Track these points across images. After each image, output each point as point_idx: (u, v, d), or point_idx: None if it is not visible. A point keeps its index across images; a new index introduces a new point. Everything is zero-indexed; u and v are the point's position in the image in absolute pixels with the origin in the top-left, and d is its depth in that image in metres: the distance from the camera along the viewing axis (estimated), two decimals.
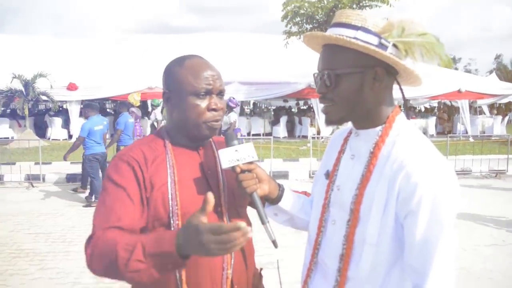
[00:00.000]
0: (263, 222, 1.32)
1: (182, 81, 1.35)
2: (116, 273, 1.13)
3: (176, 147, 1.40)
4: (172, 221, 1.29)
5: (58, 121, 16.29)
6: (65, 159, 7.58)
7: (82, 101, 14.64)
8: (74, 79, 15.09)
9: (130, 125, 8.35)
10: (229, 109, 9.18)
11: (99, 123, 7.48)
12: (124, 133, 8.18)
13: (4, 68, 14.65)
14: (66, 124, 16.36)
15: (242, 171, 1.31)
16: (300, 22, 14.42)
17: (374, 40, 1.15)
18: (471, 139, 14.69)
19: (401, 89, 1.27)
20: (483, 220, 6.45)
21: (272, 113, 20.76)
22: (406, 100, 1.27)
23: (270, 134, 16.16)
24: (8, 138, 14.52)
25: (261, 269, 1.56)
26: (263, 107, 24.24)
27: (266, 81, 16.16)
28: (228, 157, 1.31)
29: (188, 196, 1.33)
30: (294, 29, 15.00)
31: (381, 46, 1.14)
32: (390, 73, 1.19)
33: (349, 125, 1.33)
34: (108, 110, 21.90)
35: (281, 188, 1.43)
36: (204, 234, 0.99)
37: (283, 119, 17.89)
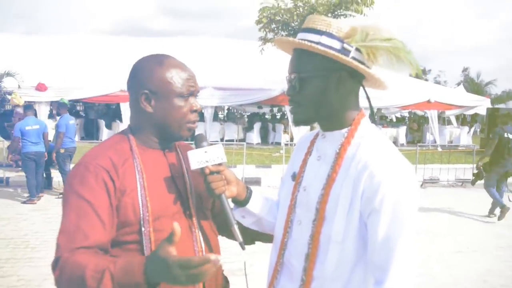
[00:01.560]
0: (230, 224, 1.34)
1: (167, 82, 1.33)
2: None
3: (143, 149, 1.37)
4: (143, 228, 1.26)
5: None
6: (8, 160, 8.06)
7: (51, 102, 14.23)
8: (43, 79, 14.64)
9: (71, 126, 8.22)
10: None
11: (33, 123, 7.71)
12: (66, 136, 7.97)
13: None
14: None
15: (211, 173, 1.31)
16: (275, 29, 14.50)
17: (337, 44, 1.19)
18: (439, 149, 15.06)
19: (365, 92, 1.31)
20: (449, 228, 6.61)
21: (246, 119, 20.74)
22: (371, 104, 1.32)
23: (243, 140, 16.13)
24: None
25: (225, 276, 1.52)
26: (236, 113, 24.20)
27: (241, 87, 16.14)
28: (197, 158, 1.32)
29: (158, 201, 1.30)
30: (270, 35, 15.07)
31: (343, 50, 1.18)
32: (354, 77, 1.23)
33: (316, 128, 1.37)
34: (81, 113, 21.20)
35: (249, 191, 1.44)
36: (173, 269, 0.99)
37: (257, 126, 17.90)
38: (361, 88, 1.29)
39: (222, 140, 16.57)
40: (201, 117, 17.31)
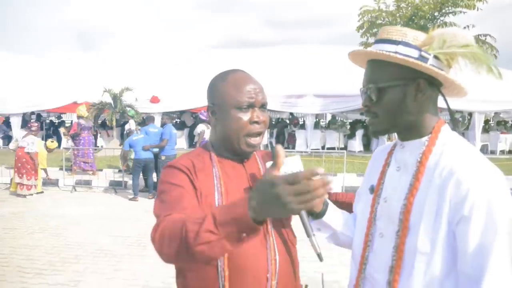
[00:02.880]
0: (308, 235, 1.31)
1: (225, 95, 1.38)
2: (186, 251, 1.04)
3: (222, 159, 1.43)
4: None
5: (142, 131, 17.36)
6: (122, 168, 9.50)
7: (163, 113, 15.45)
8: (157, 92, 16.03)
9: (174, 135, 9.06)
10: (199, 121, 9.57)
11: (138, 135, 9.04)
12: (168, 143, 8.80)
13: (97, 83, 15.97)
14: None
15: None
16: (377, 33, 14.05)
17: (415, 53, 1.18)
18: None
19: (445, 99, 1.27)
20: None
21: (348, 126, 20.30)
22: (451, 110, 1.29)
23: (345, 148, 15.80)
24: (98, 147, 15.74)
25: (306, 285, 1.52)
26: (338, 120, 23.85)
27: (342, 93, 15.87)
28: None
29: None
30: (371, 40, 14.63)
31: (422, 58, 1.17)
32: (433, 84, 1.21)
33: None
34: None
35: (325, 203, 1.44)
36: (279, 186, 0.90)
37: (359, 133, 17.41)
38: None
39: (323, 148, 16.43)
40: (302, 126, 17.36)
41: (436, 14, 12.82)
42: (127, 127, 12.31)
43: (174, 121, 20.82)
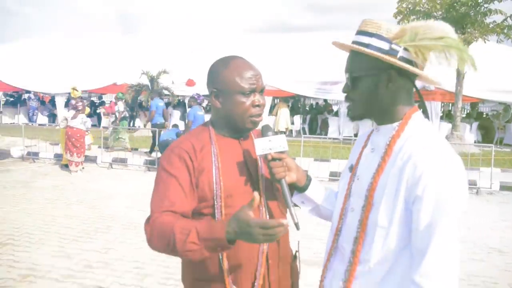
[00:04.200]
0: (288, 206, 1.48)
1: (229, 81, 1.52)
2: (172, 250, 1.34)
3: (220, 137, 1.59)
4: (216, 203, 1.48)
5: (177, 113, 17.77)
6: None
7: (190, 97, 15.80)
8: (192, 75, 16.32)
9: (199, 117, 9.20)
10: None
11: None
12: (194, 124, 9.02)
13: (136, 66, 16.46)
14: (184, 116, 17.77)
15: (273, 159, 1.47)
16: (416, 20, 13.61)
17: (386, 45, 1.27)
18: None
19: (416, 89, 1.36)
20: None
21: None
22: (422, 99, 1.38)
23: None
24: (135, 127, 16.32)
25: (296, 251, 1.70)
26: None
27: None
28: (262, 146, 1.49)
29: (230, 181, 1.51)
30: None
31: (392, 51, 1.27)
32: (404, 74, 1.30)
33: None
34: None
35: (308, 178, 1.57)
36: (254, 228, 1.19)
37: None
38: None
39: (355, 135, 16.28)
40: (336, 113, 17.19)
41: (479, 0, 12.30)
42: (116, 108, 12.76)
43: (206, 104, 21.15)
